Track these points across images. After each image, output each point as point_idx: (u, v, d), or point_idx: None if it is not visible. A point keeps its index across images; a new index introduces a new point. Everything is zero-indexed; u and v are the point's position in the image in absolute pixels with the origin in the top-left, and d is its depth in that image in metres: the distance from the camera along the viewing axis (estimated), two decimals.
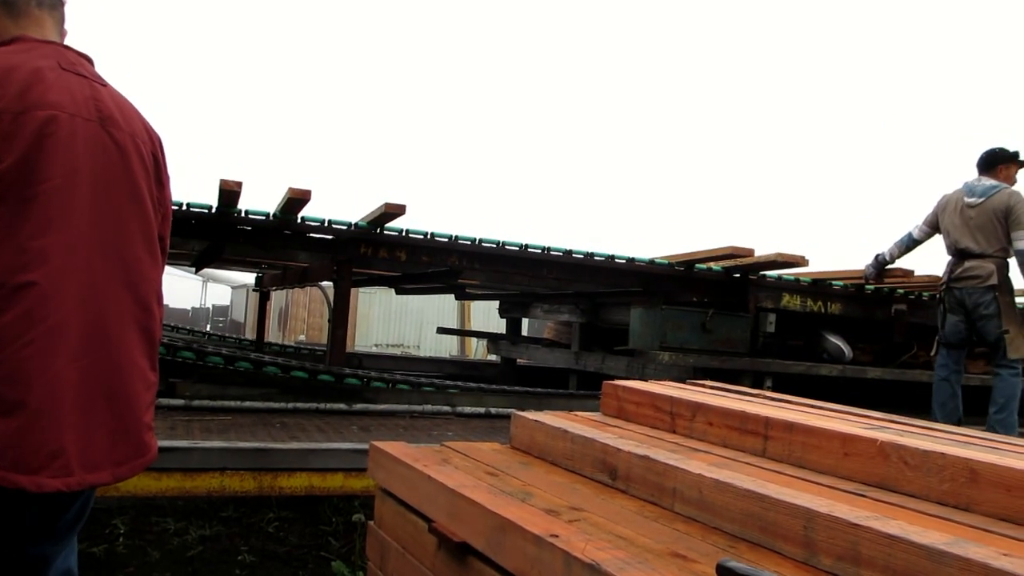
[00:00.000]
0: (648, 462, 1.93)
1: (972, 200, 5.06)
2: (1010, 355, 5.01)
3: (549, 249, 5.91)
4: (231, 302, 30.31)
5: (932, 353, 5.42)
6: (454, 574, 1.86)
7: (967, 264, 5.06)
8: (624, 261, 5.91)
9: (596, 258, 5.84)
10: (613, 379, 2.88)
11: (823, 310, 5.98)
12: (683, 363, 5.52)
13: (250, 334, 14.68)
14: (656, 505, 1.88)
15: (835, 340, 6.03)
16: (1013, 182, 5.17)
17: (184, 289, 32.19)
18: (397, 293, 9.18)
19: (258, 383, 4.98)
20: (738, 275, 6.06)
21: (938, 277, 5.60)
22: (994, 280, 4.99)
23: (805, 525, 1.50)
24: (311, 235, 5.69)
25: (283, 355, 7.77)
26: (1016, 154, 5.17)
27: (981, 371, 5.97)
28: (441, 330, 11.71)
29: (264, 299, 9.67)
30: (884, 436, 1.79)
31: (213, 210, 5.22)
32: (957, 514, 1.54)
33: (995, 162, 5.19)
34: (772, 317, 5.80)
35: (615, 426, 2.42)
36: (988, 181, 5.12)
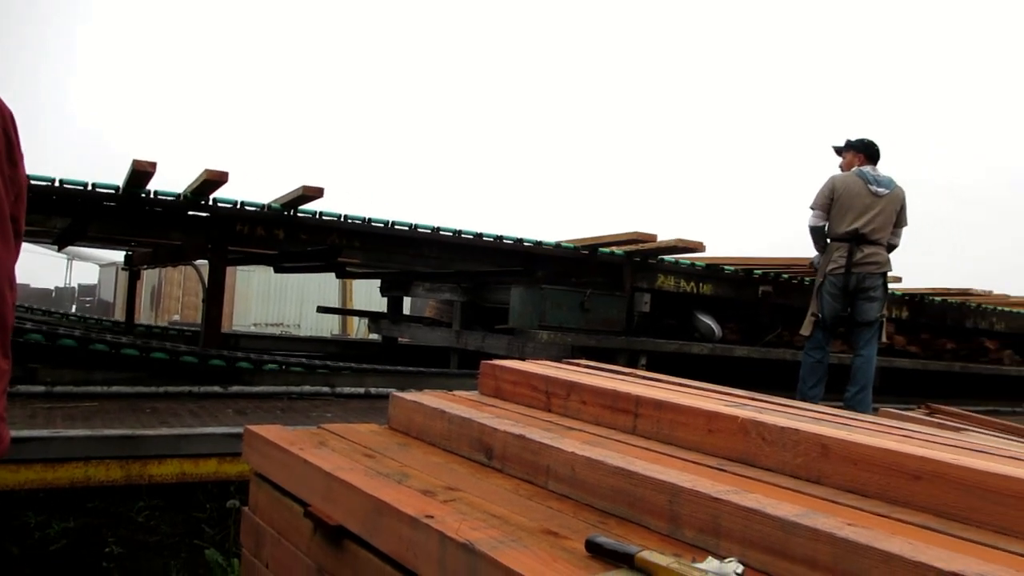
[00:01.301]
0: (523, 441, 1.97)
1: (880, 190, 5.28)
2: (884, 337, 5.42)
3: (437, 229, 5.90)
4: (99, 281, 28.90)
5: (806, 332, 5.54)
6: (330, 558, 1.86)
7: (867, 250, 5.26)
8: (507, 241, 5.96)
9: (477, 238, 5.87)
10: (493, 358, 2.91)
11: (695, 291, 6.20)
12: (562, 342, 5.62)
13: (120, 315, 14.06)
14: (531, 484, 1.92)
15: (706, 320, 6.27)
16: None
17: (47, 267, 30.45)
18: (275, 271, 8.96)
19: (122, 366, 4.79)
20: (639, 258, 6.25)
21: (796, 259, 5.91)
22: (887, 267, 5.34)
23: (670, 500, 1.57)
24: (190, 213, 5.50)
25: (153, 336, 7.49)
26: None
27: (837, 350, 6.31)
28: (321, 309, 11.53)
29: (134, 278, 9.27)
30: (745, 413, 1.88)
31: (120, 191, 5.01)
32: (809, 487, 1.64)
33: (879, 154, 5.48)
34: (647, 297, 5.98)
35: (492, 406, 2.46)
36: (884, 173, 5.40)
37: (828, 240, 5.45)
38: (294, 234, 5.68)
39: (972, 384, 8.07)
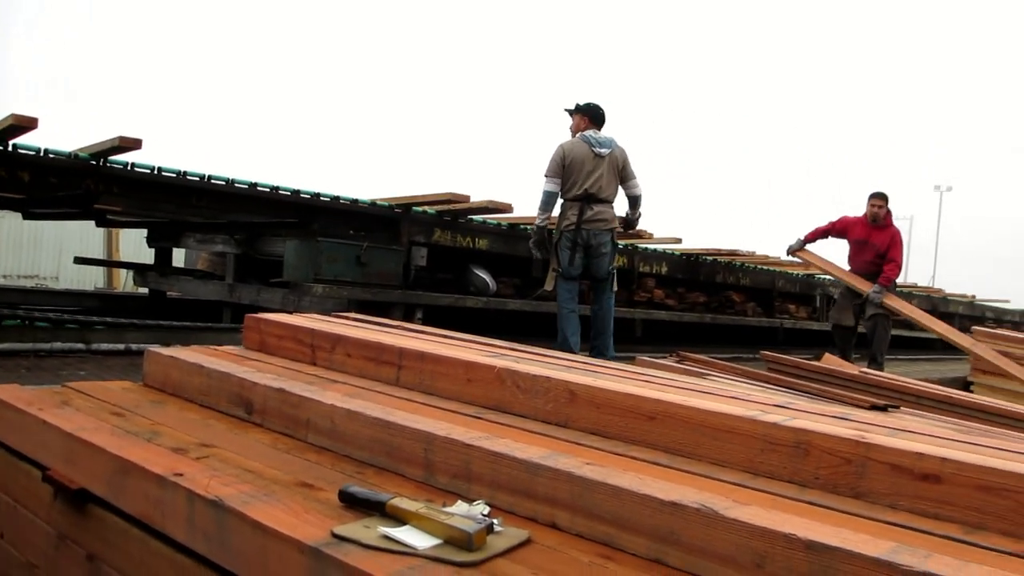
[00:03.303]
0: (283, 395, 1.95)
1: (602, 151, 5.63)
2: (614, 288, 5.79)
3: (208, 177, 5.61)
4: None
5: (549, 288, 5.87)
6: (72, 524, 1.75)
7: (596, 208, 5.61)
8: (282, 192, 5.78)
9: (251, 187, 5.65)
10: (269, 312, 2.84)
11: (471, 246, 6.32)
12: (338, 295, 5.55)
13: None
14: (291, 437, 1.90)
15: (481, 274, 6.41)
16: None
17: None
18: (25, 218, 8.18)
19: None
20: (449, 217, 6.29)
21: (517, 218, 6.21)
22: (615, 224, 5.73)
23: (425, 448, 1.61)
24: None
25: None
26: None
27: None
28: (79, 260, 10.66)
29: None
30: (502, 363, 1.96)
31: None
32: (557, 431, 1.74)
33: (604, 117, 5.81)
34: (424, 251, 6.01)
35: (256, 360, 2.40)
36: (604, 134, 5.73)
37: (562, 201, 5.77)
38: (42, 177, 5.19)
39: (721, 333, 8.83)
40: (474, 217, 6.49)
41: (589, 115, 5.78)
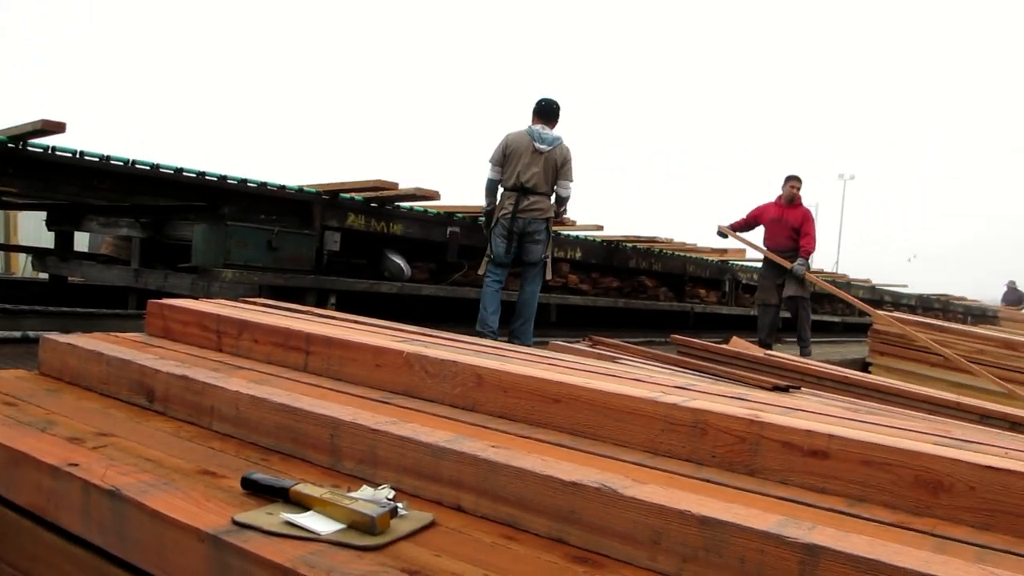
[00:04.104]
0: (187, 382, 1.91)
1: (543, 147, 5.86)
2: (547, 277, 6.03)
3: (107, 158, 5.40)
4: None
5: (481, 272, 6.08)
6: None
7: (531, 199, 5.84)
8: (187, 174, 5.61)
9: (154, 169, 5.47)
10: (177, 298, 2.77)
11: (386, 230, 6.26)
12: (249, 281, 5.44)
13: None
14: (194, 425, 1.86)
15: (396, 259, 6.36)
16: (554, 128, 6.04)
17: None
18: None
19: None
20: (375, 204, 6.27)
21: (475, 208, 6.33)
22: (550, 214, 5.96)
23: (332, 434, 1.61)
24: None
25: None
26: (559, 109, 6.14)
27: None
28: None
29: None
30: (410, 348, 1.96)
31: None
32: (465, 415, 1.76)
33: (554, 114, 6.04)
34: (337, 236, 5.93)
35: (159, 347, 2.34)
36: (550, 131, 5.94)
37: (501, 190, 6.00)
38: None
39: (634, 317, 8.98)
40: (401, 204, 6.46)
41: (538, 111, 6.01)
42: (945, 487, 1.28)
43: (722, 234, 7.75)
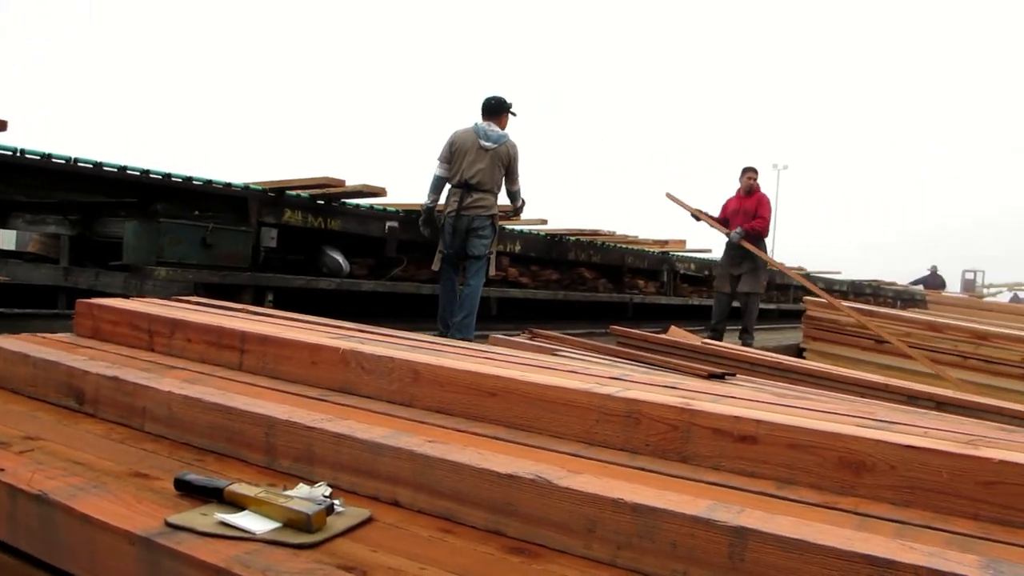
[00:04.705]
0: (117, 383, 1.87)
1: (488, 144, 5.90)
2: (491, 273, 6.09)
3: (23, 151, 5.23)
4: None
5: (436, 268, 6.15)
6: None
7: (475, 196, 5.88)
8: (107, 168, 5.46)
9: (71, 163, 5.31)
10: (109, 297, 2.71)
11: (324, 226, 6.19)
12: (183, 279, 5.32)
13: None
14: (126, 427, 1.83)
15: (334, 255, 6.29)
16: (505, 127, 6.12)
17: None
18: None
19: None
20: (321, 201, 6.23)
21: (418, 205, 6.38)
22: (494, 211, 6.00)
23: (267, 432, 1.59)
24: None
25: None
26: (511, 105, 6.18)
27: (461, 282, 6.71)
28: None
29: None
30: (347, 345, 1.95)
31: None
32: (402, 410, 1.76)
33: (501, 110, 6.08)
34: (274, 232, 5.84)
35: (88, 347, 2.29)
36: (496, 129, 5.99)
37: (448, 187, 6.04)
38: None
39: (573, 309, 9.03)
40: (347, 201, 6.42)
41: (485, 108, 6.06)
42: (868, 467, 1.33)
43: (698, 214, 8.03)
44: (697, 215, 7.99)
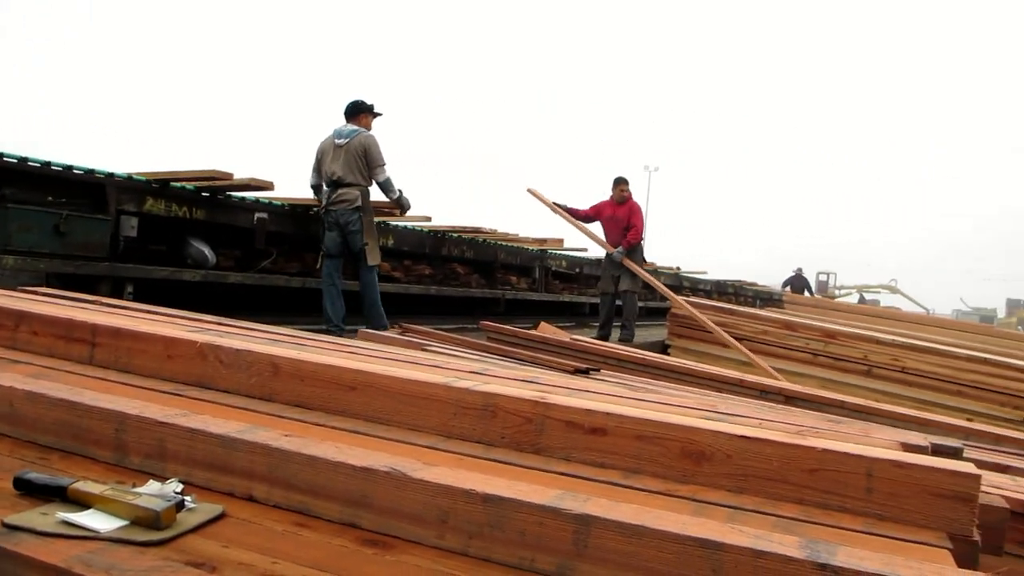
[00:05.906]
0: None
1: (341, 141, 6.15)
2: (369, 262, 6.19)
3: None
4: None
5: (317, 266, 6.37)
6: None
7: (340, 191, 6.10)
8: None
9: None
10: None
11: (188, 215, 5.98)
12: (34, 268, 5.05)
13: None
14: None
15: (199, 245, 6.09)
16: (370, 127, 6.37)
17: None
18: None
19: None
20: (211, 193, 6.17)
21: (296, 199, 6.45)
22: (359, 203, 6.13)
23: (117, 428, 1.55)
24: None
25: None
26: (372, 106, 6.45)
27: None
28: None
29: None
30: (204, 338, 1.91)
31: None
32: (261, 404, 1.74)
33: (357, 111, 6.32)
34: (134, 221, 5.60)
35: None
36: (351, 126, 6.25)
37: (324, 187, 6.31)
38: None
39: (446, 304, 9.05)
40: (233, 194, 6.30)
41: (345, 112, 6.37)
42: (707, 456, 1.41)
43: (555, 208, 8.29)
44: (554, 210, 8.28)
